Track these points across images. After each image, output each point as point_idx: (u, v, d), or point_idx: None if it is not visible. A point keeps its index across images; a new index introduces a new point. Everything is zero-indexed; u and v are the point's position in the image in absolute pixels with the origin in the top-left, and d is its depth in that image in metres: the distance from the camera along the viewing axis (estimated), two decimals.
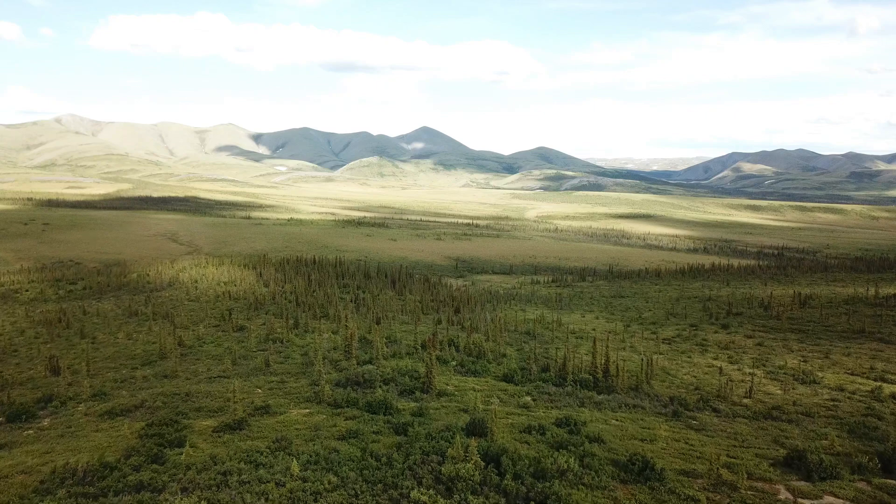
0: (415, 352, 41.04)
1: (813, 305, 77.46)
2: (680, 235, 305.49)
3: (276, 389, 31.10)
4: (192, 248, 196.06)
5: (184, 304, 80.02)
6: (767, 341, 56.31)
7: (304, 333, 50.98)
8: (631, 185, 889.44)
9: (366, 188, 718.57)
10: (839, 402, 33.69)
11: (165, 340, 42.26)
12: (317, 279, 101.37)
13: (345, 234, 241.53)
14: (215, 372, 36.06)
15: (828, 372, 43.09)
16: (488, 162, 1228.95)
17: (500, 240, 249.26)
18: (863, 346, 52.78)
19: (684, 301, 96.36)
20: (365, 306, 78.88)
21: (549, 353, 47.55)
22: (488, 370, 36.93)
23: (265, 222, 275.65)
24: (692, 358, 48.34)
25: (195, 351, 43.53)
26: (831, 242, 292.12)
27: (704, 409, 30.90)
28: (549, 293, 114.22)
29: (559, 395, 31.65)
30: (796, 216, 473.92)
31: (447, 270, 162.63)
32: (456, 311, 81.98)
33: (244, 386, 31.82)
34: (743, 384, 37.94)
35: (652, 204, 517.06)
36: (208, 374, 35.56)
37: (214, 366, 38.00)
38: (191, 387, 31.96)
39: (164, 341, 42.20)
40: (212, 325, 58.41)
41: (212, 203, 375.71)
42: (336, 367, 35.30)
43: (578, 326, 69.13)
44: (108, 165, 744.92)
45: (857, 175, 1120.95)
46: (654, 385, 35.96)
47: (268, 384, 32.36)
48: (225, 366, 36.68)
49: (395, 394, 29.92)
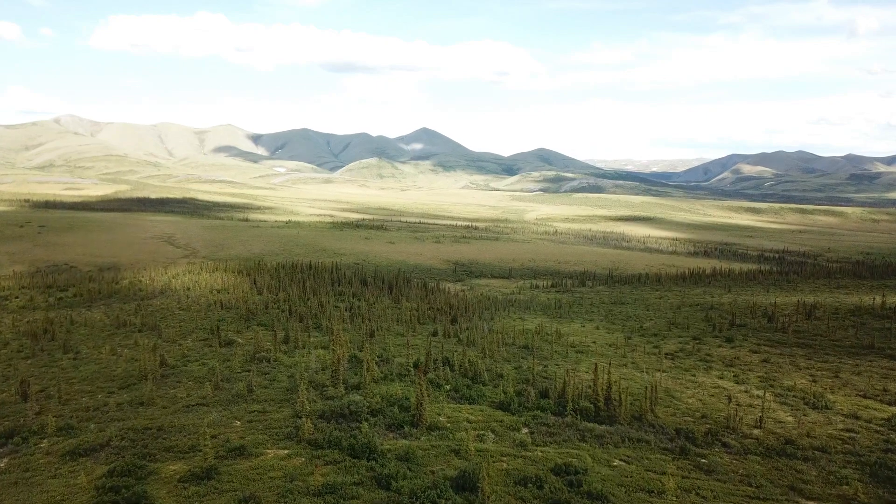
0: (407, 374, 39.18)
1: (818, 316, 75.65)
2: (680, 238, 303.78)
3: (256, 422, 29.22)
4: (188, 251, 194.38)
5: (174, 313, 78.19)
6: (773, 357, 54.49)
7: (294, 350, 49.14)
8: (630, 186, 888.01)
9: (365, 189, 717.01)
10: (855, 435, 31.84)
11: (147, 361, 40.42)
12: (311, 286, 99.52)
13: (343, 236, 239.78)
14: (194, 398, 34.17)
15: (839, 394, 41.26)
16: (488, 163, 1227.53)
17: (500, 243, 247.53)
18: (873, 363, 50.96)
19: (686, 309, 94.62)
20: (359, 316, 77.03)
21: (548, 372, 45.73)
22: (483, 395, 35.07)
23: (263, 224, 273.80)
24: (697, 377, 46.50)
25: (177, 371, 41.66)
26: (832, 246, 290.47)
27: (713, 443, 29.05)
28: (549, 299, 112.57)
29: (558, 427, 29.79)
30: (796, 219, 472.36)
31: (446, 274, 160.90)
32: (453, 321, 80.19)
33: (222, 417, 29.97)
34: (752, 410, 36.10)
35: (652, 206, 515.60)
36: (186, 402, 33.68)
37: (195, 390, 36.13)
38: (165, 418, 30.09)
39: (145, 362, 40.36)
40: (199, 339, 56.55)
41: (210, 205, 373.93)
42: (322, 393, 33.43)
43: (578, 339, 67.32)
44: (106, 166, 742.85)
45: (857, 177, 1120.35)
46: (658, 412, 34.10)
47: (248, 415, 30.48)
48: (205, 391, 34.80)
49: (383, 428, 28.07)
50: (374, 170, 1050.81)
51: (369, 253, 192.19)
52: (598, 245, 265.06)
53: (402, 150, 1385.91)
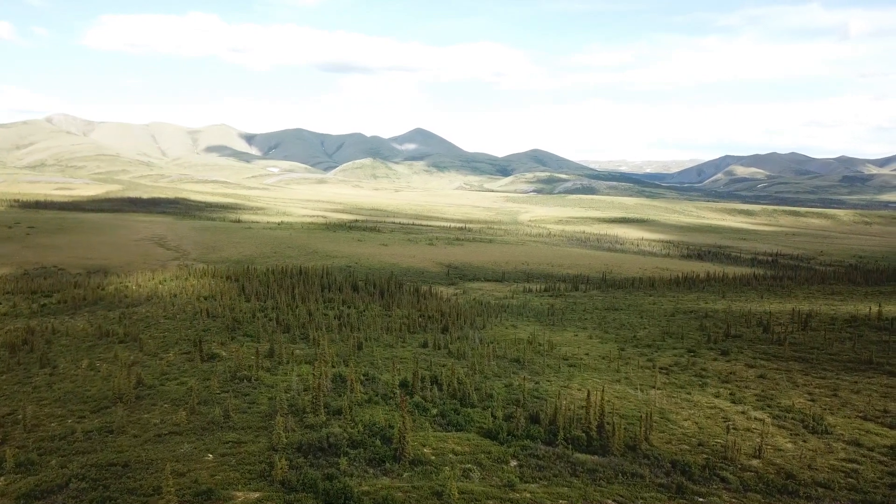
0: (393, 395, 37.74)
1: (814, 327, 74.59)
2: (674, 241, 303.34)
3: (229, 455, 27.68)
4: (179, 253, 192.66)
5: (159, 322, 76.52)
6: (770, 372, 53.28)
7: (277, 366, 47.61)
8: (624, 188, 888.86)
9: (358, 190, 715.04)
10: (858, 466, 30.58)
11: (122, 380, 38.84)
12: (300, 293, 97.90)
13: (335, 238, 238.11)
14: (168, 425, 32.61)
15: (839, 416, 40.03)
16: (482, 164, 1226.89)
17: (493, 245, 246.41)
18: (872, 380, 49.79)
19: (680, 316, 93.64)
20: (348, 326, 75.53)
21: (539, 391, 44.38)
22: (471, 420, 33.67)
23: (255, 226, 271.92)
24: (692, 395, 45.21)
25: (154, 392, 40.06)
26: (825, 249, 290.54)
27: (711, 478, 27.73)
28: (542, 304, 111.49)
29: (549, 459, 28.41)
30: (790, 221, 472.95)
31: (439, 278, 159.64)
32: (444, 330, 78.82)
33: (194, 450, 28.43)
34: (750, 436, 34.83)
35: (645, 208, 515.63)
36: (159, 429, 32.12)
37: (169, 415, 34.56)
38: (133, 451, 28.54)
39: (120, 382, 38.78)
40: (181, 353, 54.96)
41: (202, 205, 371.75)
42: (302, 421, 31.93)
43: (571, 350, 66.05)
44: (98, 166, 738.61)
45: (850, 179, 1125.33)
46: (653, 440, 32.78)
47: (222, 446, 28.94)
48: (180, 416, 33.25)
49: (363, 463, 26.62)
50: (368, 170, 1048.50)
51: (362, 255, 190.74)
52: (592, 248, 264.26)
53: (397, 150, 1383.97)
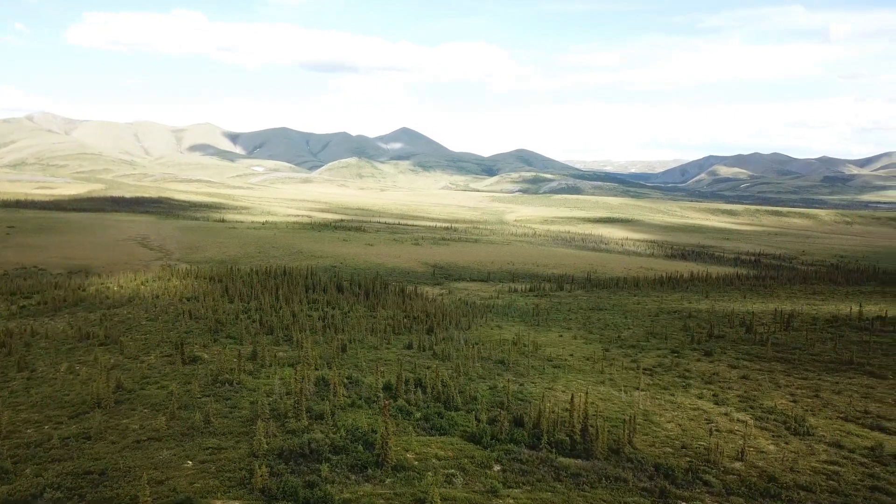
0: (376, 399, 37.47)
1: (796, 327, 75.23)
2: (658, 241, 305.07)
3: (209, 462, 27.30)
4: (162, 253, 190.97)
5: (140, 324, 75.66)
6: (752, 373, 53.61)
7: (260, 369, 47.16)
8: (609, 188, 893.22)
9: (344, 189, 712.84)
10: (839, 468, 30.75)
11: (101, 385, 38.25)
12: (284, 294, 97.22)
13: (320, 238, 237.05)
14: (147, 431, 32.12)
15: (820, 417, 40.32)
16: (468, 164, 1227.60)
17: (479, 245, 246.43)
18: (853, 380, 50.23)
19: (664, 316, 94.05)
20: (332, 327, 75.05)
21: (523, 393, 44.31)
22: (455, 424, 33.48)
23: (239, 226, 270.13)
24: (675, 396, 45.37)
25: (133, 396, 39.50)
26: (807, 249, 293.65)
27: (694, 482, 27.75)
28: (527, 304, 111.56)
29: (532, 464, 28.30)
30: (772, 221, 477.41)
31: (424, 278, 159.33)
32: (429, 331, 78.56)
33: (173, 456, 28.01)
34: (733, 438, 34.95)
35: (630, 208, 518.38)
36: (138, 435, 31.63)
37: (149, 420, 34.05)
38: (110, 458, 28.05)
39: (99, 386, 38.18)
40: (163, 356, 54.31)
41: (186, 205, 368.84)
42: (283, 426, 31.58)
43: (556, 350, 66.09)
44: (80, 165, 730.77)
45: (831, 179, 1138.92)
46: (636, 443, 32.79)
47: (202, 452, 28.54)
48: (159, 422, 32.77)
49: (345, 469, 26.33)
50: (354, 169, 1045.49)
51: (347, 255, 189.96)
52: (577, 247, 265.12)
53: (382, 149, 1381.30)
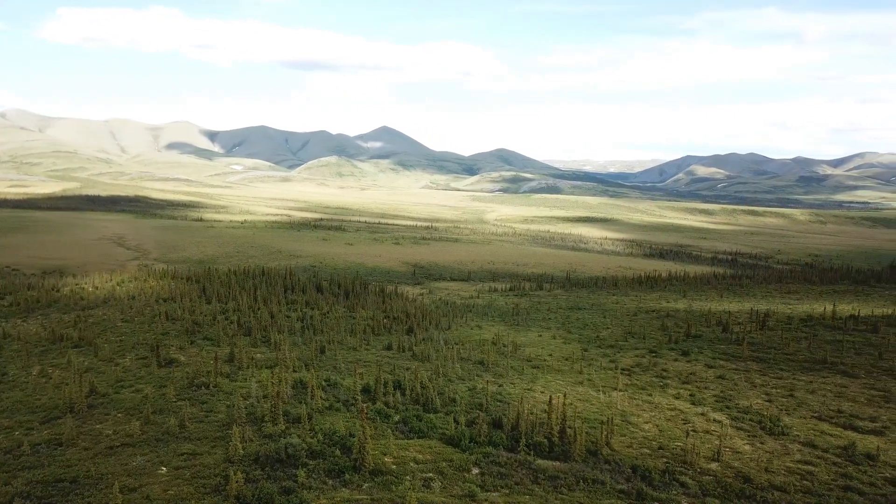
0: (354, 402, 37.26)
1: (771, 326, 76.22)
2: (636, 240, 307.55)
3: (184, 468, 26.92)
4: (138, 253, 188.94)
5: (116, 326, 74.57)
6: (729, 373, 54.26)
7: (237, 372, 46.67)
8: (588, 187, 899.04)
9: (323, 188, 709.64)
10: (813, 468, 31.18)
11: (74, 389, 37.59)
12: (263, 295, 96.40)
13: (300, 237, 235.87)
14: (120, 436, 31.61)
15: (795, 416, 40.89)
16: (448, 163, 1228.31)
17: (459, 244, 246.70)
18: (826, 379, 51.00)
19: (642, 316, 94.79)
20: (311, 328, 74.60)
21: (502, 394, 44.40)
22: (434, 427, 33.42)
23: (217, 225, 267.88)
24: (653, 397, 45.74)
25: (107, 400, 38.86)
26: (782, 248, 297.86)
27: (671, 483, 27.96)
28: (507, 304, 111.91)
29: (511, 467, 28.34)
30: (748, 220, 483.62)
31: (405, 277, 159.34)
32: (409, 332, 78.43)
33: (147, 462, 27.59)
34: (709, 438, 35.30)
35: (609, 207, 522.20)
36: (111, 441, 31.11)
37: (122, 425, 33.52)
38: (82, 465, 27.55)
39: (73, 391, 37.53)
40: (138, 358, 53.56)
41: (163, 203, 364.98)
42: (260, 430, 31.25)
43: (535, 351, 66.33)
44: (55, 163, 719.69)
45: (806, 179, 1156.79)
46: (614, 444, 32.98)
47: (176, 458, 28.13)
48: (133, 427, 32.28)
49: (322, 474, 26.11)
50: (334, 168, 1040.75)
51: (326, 255, 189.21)
52: (556, 247, 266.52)
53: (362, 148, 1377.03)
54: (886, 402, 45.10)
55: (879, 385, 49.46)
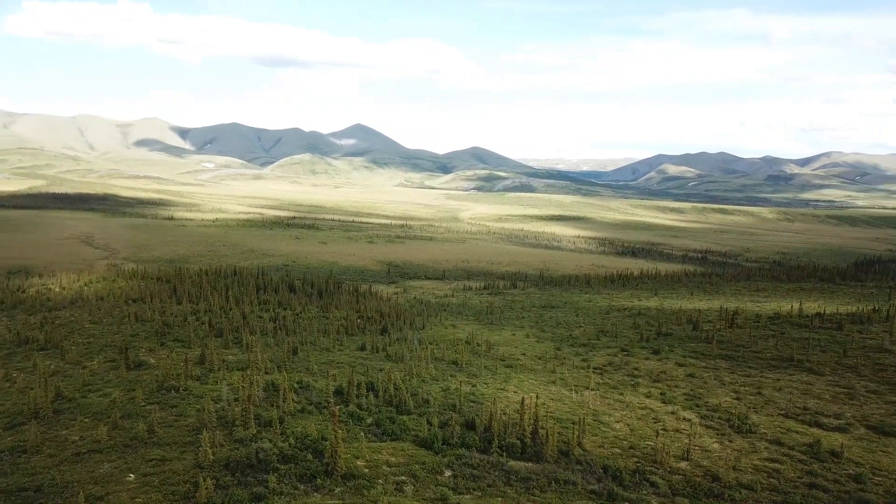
0: (327, 404, 37.08)
1: (740, 324, 77.51)
2: (609, 238, 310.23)
3: (152, 475, 26.55)
4: (107, 252, 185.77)
5: (84, 327, 73.25)
6: (699, 371, 55.08)
7: (208, 374, 46.12)
8: (562, 186, 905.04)
9: (297, 186, 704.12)
10: (779, 466, 31.80)
11: (40, 395, 36.80)
12: (234, 295, 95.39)
13: (273, 236, 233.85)
14: (87, 442, 31.03)
15: (762, 414, 41.67)
16: (423, 161, 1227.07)
17: (434, 243, 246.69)
18: (793, 377, 52.04)
19: (614, 314, 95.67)
20: (284, 329, 74.00)
21: (476, 394, 44.52)
22: (407, 429, 33.40)
23: (189, 223, 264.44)
24: (624, 396, 46.24)
25: (74, 405, 38.13)
26: (751, 246, 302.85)
27: (641, 483, 28.33)
28: (481, 302, 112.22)
29: (483, 468, 28.45)
30: (718, 219, 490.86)
31: (379, 276, 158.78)
32: (383, 331, 78.20)
33: (114, 469, 27.15)
34: (679, 437, 35.81)
35: (582, 206, 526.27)
36: (77, 448, 30.52)
37: (89, 431, 32.92)
38: (47, 473, 27.01)
39: (38, 395, 36.73)
40: (107, 361, 52.65)
41: (133, 202, 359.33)
42: (231, 434, 30.93)
43: (508, 350, 66.62)
44: (20, 160, 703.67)
45: (774, 178, 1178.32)
46: (585, 444, 33.28)
47: (145, 464, 27.72)
48: (101, 432, 31.72)
49: (294, 479, 25.94)
50: (307, 166, 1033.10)
51: (300, 254, 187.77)
52: (530, 245, 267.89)
53: (336, 145, 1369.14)
54: (850, 399, 46.17)
55: (844, 382, 50.60)
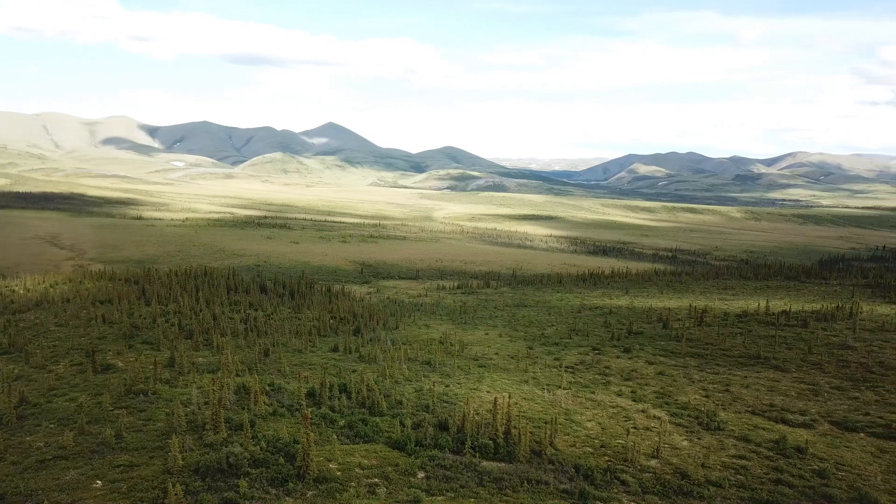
0: (299, 407, 36.82)
1: (709, 322, 78.73)
2: (580, 237, 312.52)
3: (120, 482, 26.09)
4: (74, 253, 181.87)
5: (49, 330, 71.75)
6: (668, 369, 55.83)
7: (178, 377, 45.46)
8: (534, 185, 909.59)
9: (268, 185, 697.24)
10: (747, 463, 32.41)
11: (3, 400, 35.93)
12: (205, 295, 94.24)
13: (244, 236, 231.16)
14: (52, 449, 30.38)
15: (730, 411, 42.41)
16: (396, 160, 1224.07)
17: (407, 242, 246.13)
18: (760, 374, 53.05)
19: (586, 313, 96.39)
20: (255, 330, 73.28)
21: (449, 394, 44.56)
22: (380, 431, 33.31)
23: (158, 223, 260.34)
24: (596, 394, 46.69)
25: (39, 410, 37.30)
26: (720, 245, 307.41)
27: (612, 482, 28.67)
28: (455, 301, 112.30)
29: (456, 469, 28.50)
30: (688, 218, 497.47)
31: (352, 276, 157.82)
32: (356, 332, 77.83)
33: (81, 476, 26.61)
34: (649, 435, 36.29)
35: (554, 205, 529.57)
36: (42, 454, 29.87)
37: (55, 436, 32.25)
38: (10, 481, 26.38)
39: (1, 401, 35.86)
40: (73, 365, 51.62)
41: (100, 201, 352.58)
42: (201, 439, 30.54)
43: (481, 350, 66.80)
44: None
45: (742, 178, 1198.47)
46: (557, 443, 33.54)
47: (112, 471, 27.23)
48: (67, 438, 31.09)
49: (265, 483, 25.70)
50: (279, 164, 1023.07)
51: (271, 254, 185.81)
52: (503, 245, 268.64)
53: (308, 144, 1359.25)
54: (815, 395, 47.21)
55: (808, 379, 51.72)
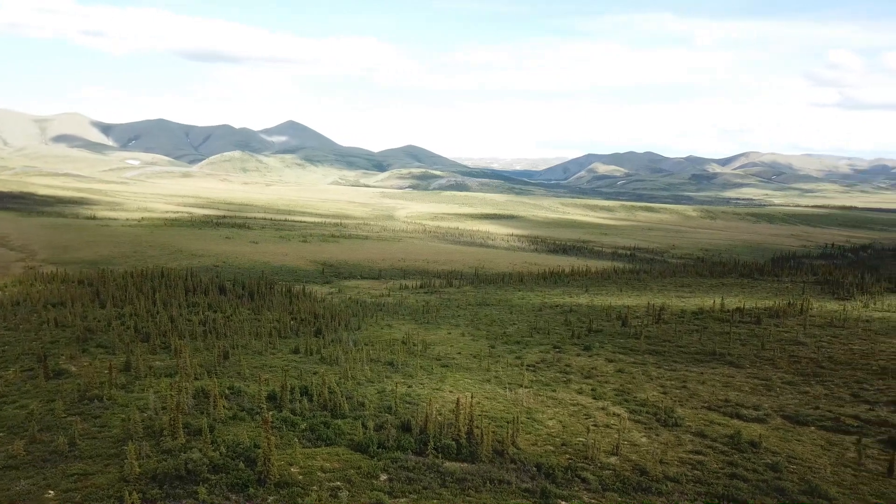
0: (260, 410, 36.39)
1: (666, 320, 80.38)
2: (541, 236, 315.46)
3: (73, 491, 25.42)
4: (24, 254, 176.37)
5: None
6: (627, 366, 56.84)
7: (134, 381, 44.48)
8: (495, 185, 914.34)
9: (227, 184, 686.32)
10: (703, 458, 33.23)
11: None
12: (162, 297, 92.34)
13: (202, 236, 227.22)
14: (2, 458, 29.19)
15: (687, 407, 43.39)
16: (357, 159, 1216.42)
17: (370, 242, 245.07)
18: (715, 370, 54.40)
19: (547, 311, 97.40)
20: (214, 332, 72.11)
21: (411, 395, 44.57)
22: (342, 433, 33.14)
23: (113, 223, 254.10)
24: (557, 392, 47.25)
25: None
26: (677, 243, 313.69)
27: (573, 480, 29.07)
28: (417, 301, 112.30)
29: (419, 471, 28.55)
30: (646, 216, 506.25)
31: (313, 276, 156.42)
32: (317, 333, 77.20)
33: (32, 486, 25.84)
34: (609, 431, 36.90)
35: (515, 205, 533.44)
36: None
37: (4, 445, 31.12)
38: None
39: None
40: (24, 370, 50.04)
41: (52, 200, 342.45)
42: (158, 445, 29.93)
43: (444, 349, 66.97)
44: None
45: (697, 177, 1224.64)
46: (519, 442, 33.86)
47: (65, 480, 26.50)
48: (17, 447, 30.15)
49: (225, 489, 25.35)
50: (237, 163, 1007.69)
51: (230, 254, 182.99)
52: (465, 244, 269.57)
53: (267, 142, 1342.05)
54: (768, 390, 48.61)
55: (762, 374, 53.23)
